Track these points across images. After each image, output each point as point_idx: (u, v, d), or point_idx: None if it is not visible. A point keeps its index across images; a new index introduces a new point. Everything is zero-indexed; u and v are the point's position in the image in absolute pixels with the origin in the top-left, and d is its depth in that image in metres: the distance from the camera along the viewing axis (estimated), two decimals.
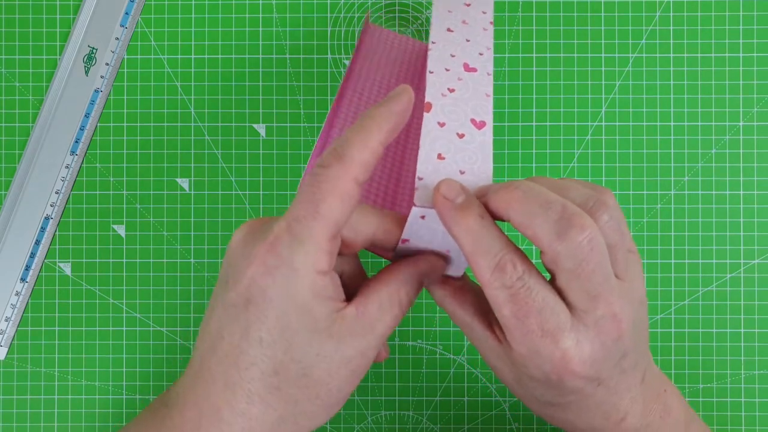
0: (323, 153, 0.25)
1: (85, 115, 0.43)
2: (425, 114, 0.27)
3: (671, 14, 0.42)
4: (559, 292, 0.25)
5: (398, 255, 0.28)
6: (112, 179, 0.43)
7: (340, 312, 0.25)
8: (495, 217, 0.26)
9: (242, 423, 0.25)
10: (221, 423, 0.26)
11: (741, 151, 0.42)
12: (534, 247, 0.34)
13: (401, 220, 0.27)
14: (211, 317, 0.26)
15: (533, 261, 0.27)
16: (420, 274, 0.27)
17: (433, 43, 0.31)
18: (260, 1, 0.43)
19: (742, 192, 0.42)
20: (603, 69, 0.42)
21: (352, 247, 0.27)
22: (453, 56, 0.30)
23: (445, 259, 0.28)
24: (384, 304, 0.26)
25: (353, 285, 0.28)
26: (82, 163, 0.43)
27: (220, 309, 0.26)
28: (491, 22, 0.32)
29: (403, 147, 0.36)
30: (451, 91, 0.29)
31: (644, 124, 0.42)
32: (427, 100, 0.28)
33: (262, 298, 0.24)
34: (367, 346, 0.25)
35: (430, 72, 0.29)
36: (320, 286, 0.24)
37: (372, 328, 0.25)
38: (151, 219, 0.43)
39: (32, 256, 0.43)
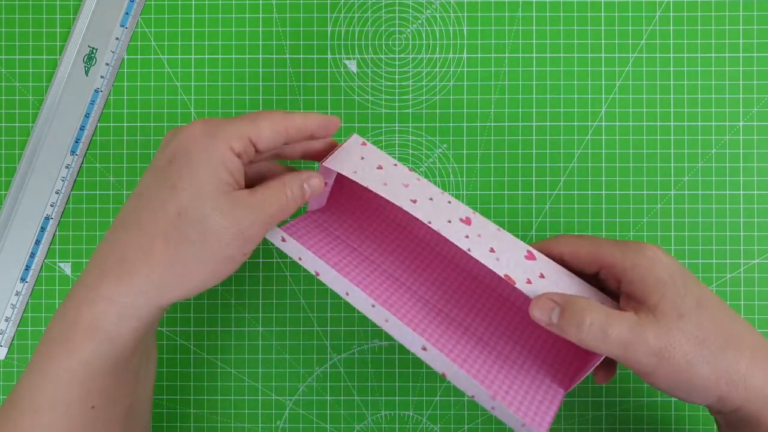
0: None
1: (85, 115, 0.43)
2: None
3: (671, 14, 0.42)
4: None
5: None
6: (112, 179, 0.43)
7: (237, 189, 0.32)
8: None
9: (141, 256, 0.30)
10: (123, 262, 0.31)
11: (741, 151, 0.42)
12: None
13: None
14: (133, 192, 0.32)
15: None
16: (302, 179, 0.34)
17: (430, 222, 0.34)
18: (260, 1, 0.43)
19: (742, 192, 0.42)
20: (603, 69, 0.42)
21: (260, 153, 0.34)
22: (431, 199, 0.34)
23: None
24: (272, 191, 0.32)
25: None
26: (82, 163, 0.43)
27: (147, 175, 0.32)
28: (395, 164, 0.35)
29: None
30: (492, 251, 0.33)
31: (644, 124, 0.42)
32: (505, 274, 0.33)
33: (185, 156, 0.31)
34: (255, 218, 0.31)
35: (469, 250, 0.33)
36: (229, 158, 0.31)
37: (261, 206, 0.32)
38: None
39: (32, 256, 0.43)
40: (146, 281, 0.30)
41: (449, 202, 0.34)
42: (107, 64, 0.43)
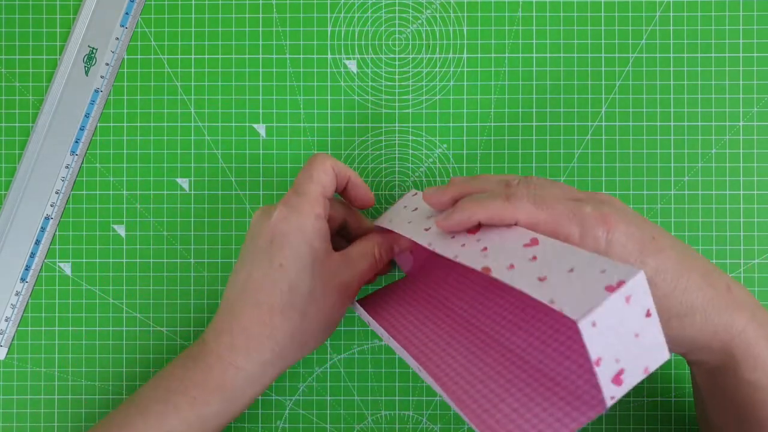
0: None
1: (85, 115, 0.43)
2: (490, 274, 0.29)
3: (671, 14, 0.42)
4: None
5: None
6: (112, 179, 0.43)
7: (331, 252, 0.36)
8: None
9: (266, 331, 0.34)
10: (249, 338, 0.34)
11: (741, 151, 0.42)
12: None
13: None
14: (240, 271, 0.35)
15: None
16: (390, 240, 0.38)
17: (429, 244, 0.33)
18: (260, 1, 0.43)
19: (742, 192, 0.42)
20: (603, 69, 0.42)
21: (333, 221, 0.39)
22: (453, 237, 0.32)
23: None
24: (362, 253, 0.37)
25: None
26: (82, 163, 0.43)
27: (249, 258, 0.35)
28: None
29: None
30: (484, 250, 0.30)
31: (644, 124, 0.42)
32: (483, 267, 0.29)
33: (282, 236, 0.34)
34: (350, 278, 0.36)
35: (456, 257, 0.31)
36: (318, 226, 0.35)
37: (354, 266, 0.36)
38: (151, 219, 0.43)
39: (32, 256, 0.43)
40: (272, 355, 0.35)
41: None
42: (107, 64, 0.43)
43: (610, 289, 0.25)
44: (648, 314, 0.26)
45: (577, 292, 0.26)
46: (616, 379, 0.26)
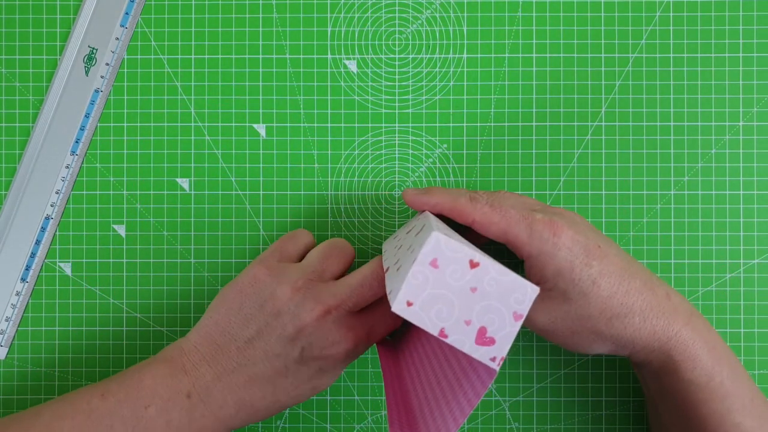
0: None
1: (85, 115, 0.43)
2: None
3: (671, 14, 0.42)
4: None
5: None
6: (112, 179, 0.43)
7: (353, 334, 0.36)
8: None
9: (271, 410, 0.36)
10: (242, 407, 0.35)
11: (741, 151, 0.42)
12: None
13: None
14: (246, 327, 0.35)
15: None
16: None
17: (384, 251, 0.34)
18: (260, 1, 0.43)
19: (742, 192, 0.42)
20: (603, 69, 0.42)
21: None
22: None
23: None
24: (379, 318, 0.37)
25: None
26: (82, 163, 0.43)
27: (274, 339, 0.34)
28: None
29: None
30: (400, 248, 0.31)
31: (644, 124, 0.42)
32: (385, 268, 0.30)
33: (306, 337, 0.34)
34: (367, 346, 0.36)
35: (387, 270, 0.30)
36: (336, 316, 0.35)
37: (370, 337, 0.36)
38: (151, 219, 0.43)
39: (32, 256, 0.43)
40: (264, 415, 0.36)
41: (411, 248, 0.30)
42: (107, 64, 0.43)
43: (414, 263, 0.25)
44: (473, 265, 0.25)
45: (400, 279, 0.25)
46: (481, 340, 0.25)
